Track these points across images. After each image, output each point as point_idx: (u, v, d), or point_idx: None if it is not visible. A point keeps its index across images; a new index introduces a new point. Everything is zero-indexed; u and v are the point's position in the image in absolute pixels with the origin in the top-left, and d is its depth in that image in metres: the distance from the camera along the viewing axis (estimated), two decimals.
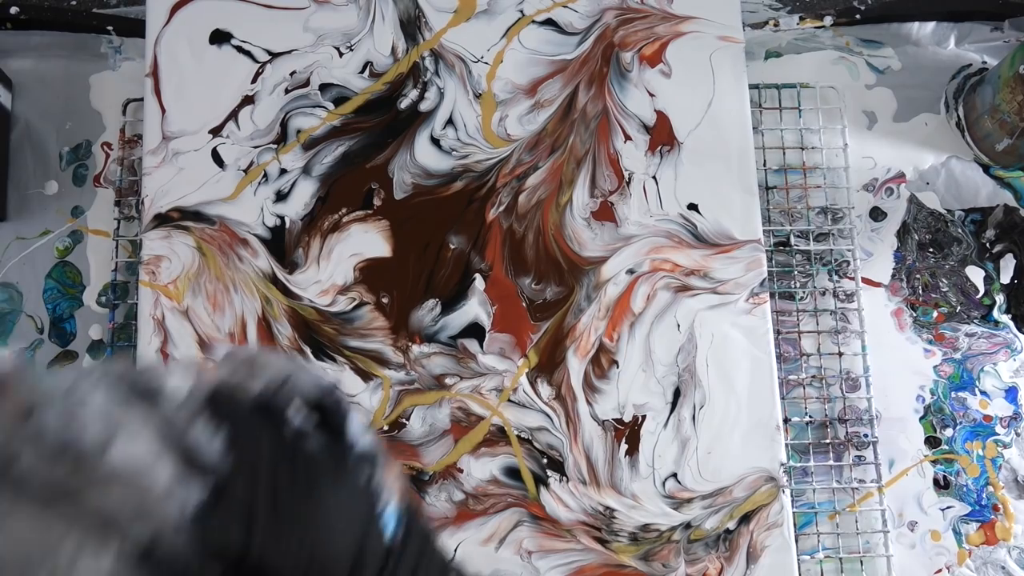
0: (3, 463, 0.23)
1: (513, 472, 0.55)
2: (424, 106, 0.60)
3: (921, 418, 0.59)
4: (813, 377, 0.59)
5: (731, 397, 0.56)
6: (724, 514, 0.54)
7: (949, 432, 0.59)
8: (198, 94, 0.59)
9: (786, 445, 0.56)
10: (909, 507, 0.57)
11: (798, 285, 0.60)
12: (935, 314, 0.61)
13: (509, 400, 0.56)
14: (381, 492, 0.29)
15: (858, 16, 0.64)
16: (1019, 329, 0.61)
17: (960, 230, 0.62)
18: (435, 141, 0.59)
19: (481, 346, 0.56)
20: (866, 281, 0.61)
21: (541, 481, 0.55)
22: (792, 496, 0.56)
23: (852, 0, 0.65)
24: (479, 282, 0.57)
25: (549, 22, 0.61)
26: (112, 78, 0.63)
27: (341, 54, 0.60)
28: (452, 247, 0.58)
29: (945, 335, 0.60)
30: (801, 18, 0.64)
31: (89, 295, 0.60)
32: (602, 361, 0.57)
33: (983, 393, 0.59)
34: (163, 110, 0.59)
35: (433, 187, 0.59)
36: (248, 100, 0.59)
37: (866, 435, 0.58)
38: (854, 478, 0.57)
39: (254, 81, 0.60)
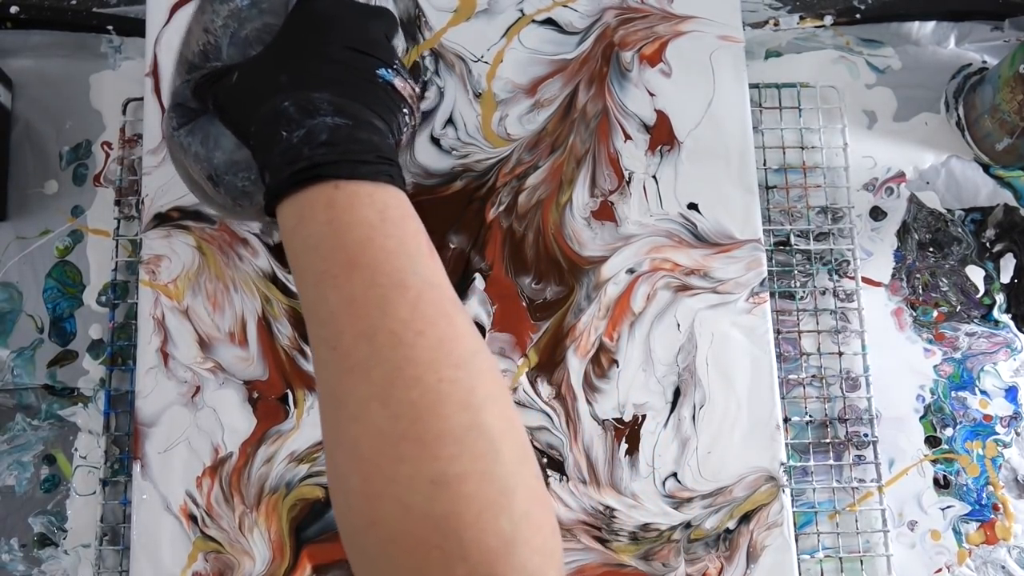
0: None
1: None
2: (424, 106, 0.60)
3: (921, 418, 0.59)
4: (813, 376, 0.59)
5: (731, 397, 0.56)
6: (724, 513, 0.54)
7: (949, 432, 0.59)
8: None
9: (786, 444, 0.56)
10: (909, 507, 0.58)
11: (798, 285, 0.60)
12: (935, 314, 0.61)
13: None
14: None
15: (858, 15, 0.64)
16: (1019, 329, 0.61)
17: (960, 230, 0.62)
18: (435, 140, 0.59)
19: None
20: (866, 281, 0.61)
21: None
22: (792, 496, 0.56)
23: (852, 0, 0.65)
24: (479, 281, 0.57)
25: (549, 21, 0.61)
26: (112, 78, 0.63)
27: None
28: (452, 246, 0.58)
29: (945, 335, 0.60)
30: (801, 17, 0.64)
31: (89, 294, 0.60)
32: (602, 360, 0.57)
33: (983, 393, 0.59)
34: (163, 109, 0.59)
35: (433, 187, 0.59)
36: None
37: (866, 435, 0.58)
38: (854, 478, 0.57)
39: None
